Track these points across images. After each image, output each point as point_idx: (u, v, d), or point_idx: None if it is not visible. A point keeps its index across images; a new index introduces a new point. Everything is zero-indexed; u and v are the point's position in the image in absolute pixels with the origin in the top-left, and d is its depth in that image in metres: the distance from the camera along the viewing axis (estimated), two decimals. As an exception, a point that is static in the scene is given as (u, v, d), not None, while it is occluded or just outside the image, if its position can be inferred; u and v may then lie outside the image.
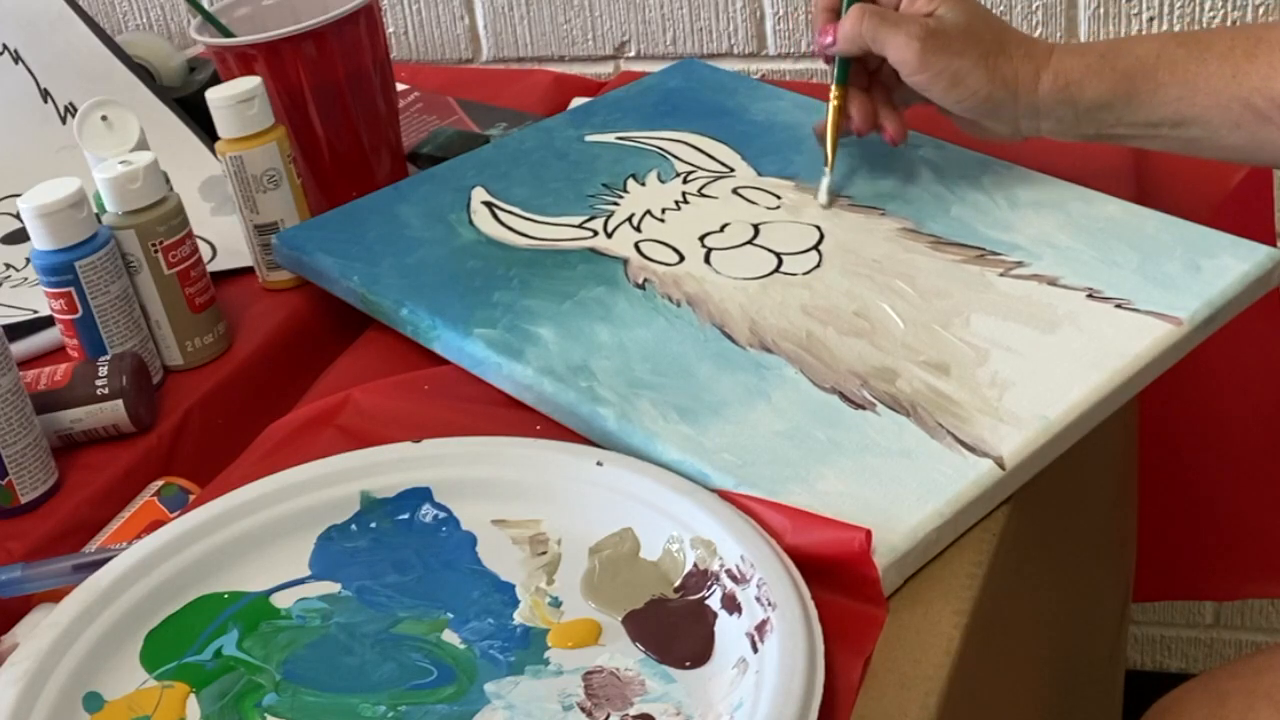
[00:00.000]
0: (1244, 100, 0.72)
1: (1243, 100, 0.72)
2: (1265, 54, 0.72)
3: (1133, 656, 1.42)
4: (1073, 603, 0.85)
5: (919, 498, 0.60)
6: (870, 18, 0.77)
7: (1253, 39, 0.73)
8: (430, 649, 0.59)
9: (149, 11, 1.36)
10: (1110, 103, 0.75)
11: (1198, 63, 0.73)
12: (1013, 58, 0.76)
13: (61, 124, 0.98)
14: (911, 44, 0.75)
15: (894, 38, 0.76)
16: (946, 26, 0.76)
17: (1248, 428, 1.07)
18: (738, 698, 0.53)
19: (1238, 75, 0.72)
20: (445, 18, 1.25)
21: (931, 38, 0.75)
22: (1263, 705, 0.74)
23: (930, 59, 0.76)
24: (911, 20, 0.76)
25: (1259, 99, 0.72)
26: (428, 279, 0.79)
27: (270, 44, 0.88)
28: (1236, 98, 0.73)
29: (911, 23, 0.76)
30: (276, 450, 0.72)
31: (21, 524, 0.71)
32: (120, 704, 0.57)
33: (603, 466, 0.64)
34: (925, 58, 0.75)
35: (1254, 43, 0.73)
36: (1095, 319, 0.70)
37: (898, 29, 0.76)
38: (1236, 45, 0.73)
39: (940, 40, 0.75)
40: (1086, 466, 0.80)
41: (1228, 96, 0.73)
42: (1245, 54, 0.73)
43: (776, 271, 0.77)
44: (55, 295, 0.77)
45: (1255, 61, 0.72)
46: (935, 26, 0.76)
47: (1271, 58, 0.72)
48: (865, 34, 0.77)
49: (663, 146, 0.91)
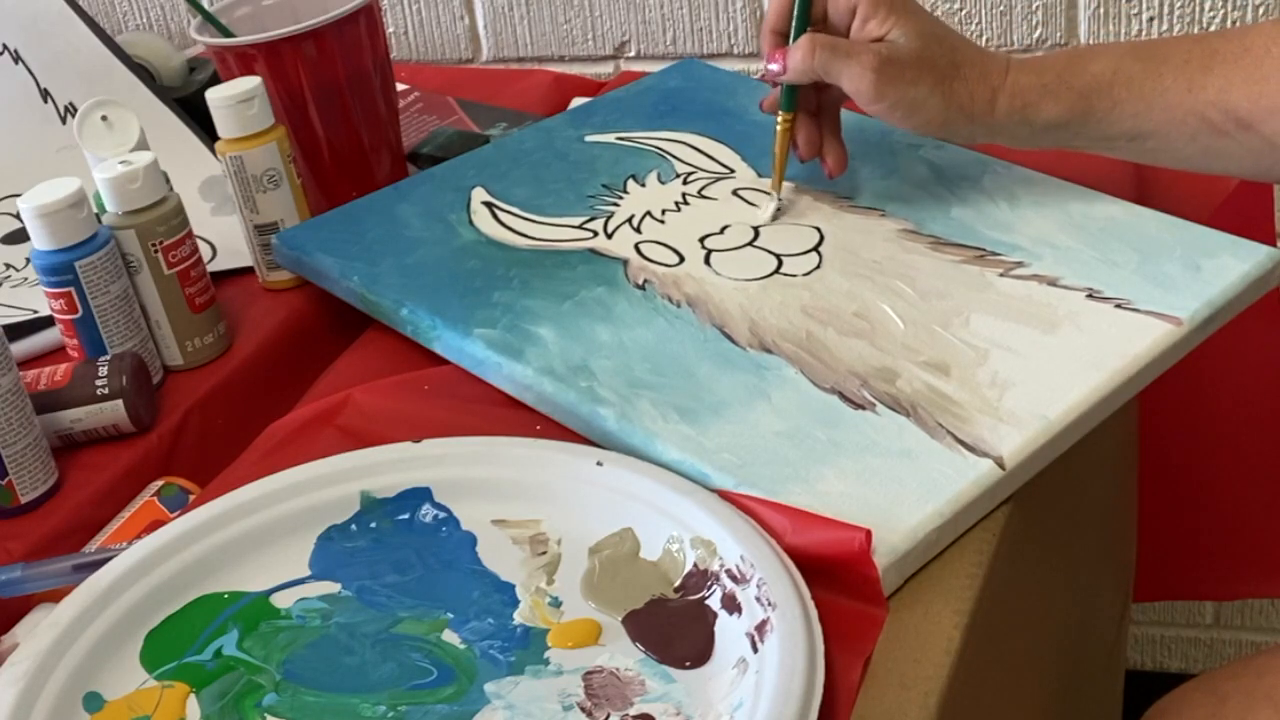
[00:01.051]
0: (1199, 114, 0.72)
1: (1198, 114, 0.72)
2: (1220, 67, 0.72)
3: (1133, 656, 1.42)
4: (1073, 603, 0.85)
5: (919, 498, 0.60)
6: (822, 50, 0.75)
7: (1208, 52, 0.73)
8: (430, 649, 0.59)
9: (149, 11, 1.36)
10: (1067, 122, 0.75)
11: (1153, 78, 0.73)
12: (968, 80, 0.75)
13: (61, 124, 0.98)
14: (866, 75, 0.74)
15: (848, 69, 0.74)
16: (900, 54, 0.74)
17: (1248, 428, 1.07)
18: (738, 698, 0.53)
19: (1193, 89, 0.72)
20: (445, 18, 1.25)
21: (885, 67, 0.74)
22: (1262, 706, 0.74)
23: (885, 89, 0.74)
24: (864, 50, 0.74)
25: (1214, 112, 0.72)
26: (428, 279, 0.79)
27: (270, 44, 0.88)
28: (1192, 111, 0.72)
29: (864, 52, 0.74)
30: (276, 450, 0.72)
31: (21, 524, 0.71)
32: (120, 704, 0.57)
33: (603, 466, 0.64)
34: (880, 88, 0.74)
35: (1209, 55, 0.72)
36: (1095, 319, 0.70)
37: (850, 60, 0.74)
38: (1192, 59, 0.73)
39: (894, 69, 0.74)
40: (1086, 466, 0.80)
41: (1184, 110, 0.73)
42: (1201, 67, 0.72)
43: (776, 273, 0.77)
44: (55, 295, 0.77)
45: (1210, 75, 0.72)
46: (889, 54, 0.74)
47: (1226, 71, 0.72)
48: (818, 67, 0.75)
49: (663, 147, 0.91)
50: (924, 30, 0.75)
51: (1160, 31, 1.08)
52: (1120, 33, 1.08)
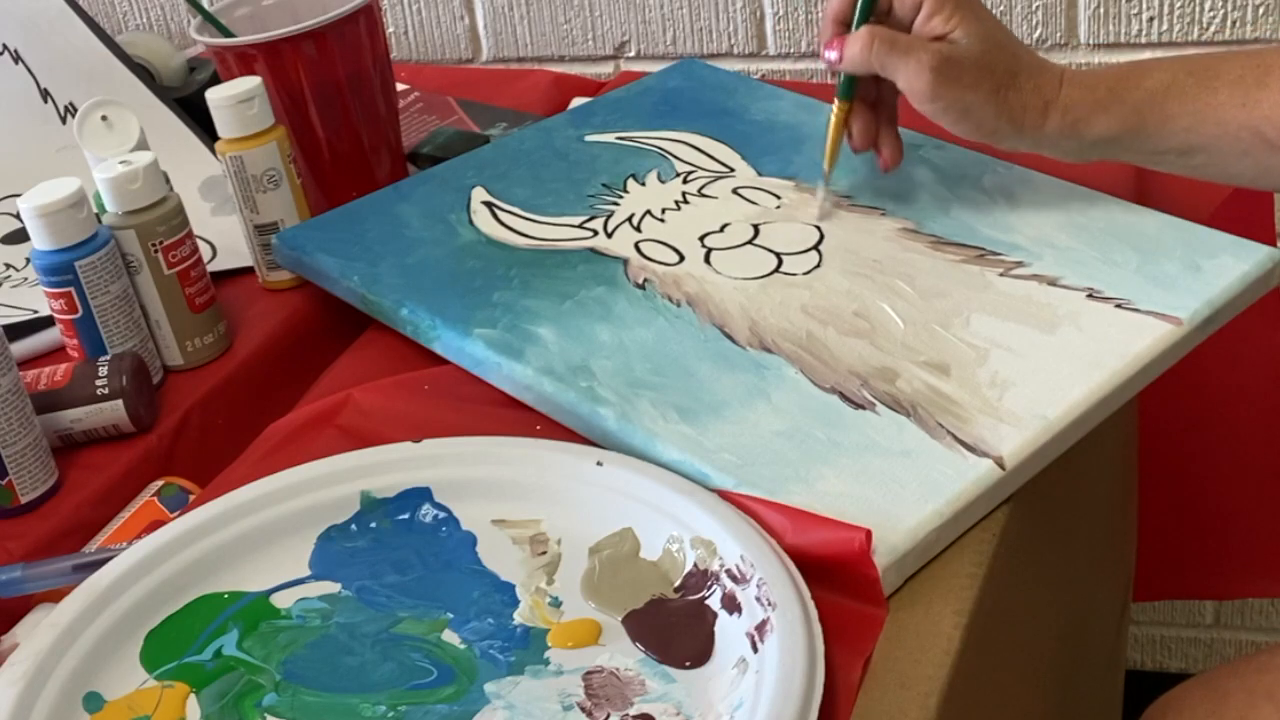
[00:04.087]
0: (1253, 129, 0.71)
1: (1252, 129, 0.71)
2: (1275, 83, 0.71)
3: (1133, 656, 1.42)
4: (1073, 603, 0.85)
5: (919, 498, 0.60)
6: (880, 43, 0.73)
7: (1263, 67, 0.71)
8: (430, 649, 0.59)
9: (149, 11, 1.36)
10: (1118, 137, 0.74)
11: (1208, 92, 0.72)
12: (1023, 90, 0.73)
13: (61, 124, 0.98)
14: (923, 74, 0.72)
15: (905, 66, 0.73)
16: (960, 54, 0.72)
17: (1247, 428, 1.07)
18: (738, 698, 0.53)
19: (1247, 104, 0.71)
20: (445, 18, 1.25)
21: (944, 67, 0.72)
22: (1263, 704, 0.74)
23: (941, 90, 0.73)
24: (923, 47, 0.73)
25: (1269, 128, 0.71)
26: (428, 279, 0.79)
27: (270, 44, 0.88)
28: (1246, 126, 0.71)
29: (923, 50, 0.73)
30: (276, 450, 0.72)
31: (21, 524, 0.71)
32: (120, 704, 0.57)
33: (603, 466, 0.64)
34: (936, 89, 0.72)
35: (1264, 71, 0.71)
36: (1095, 319, 0.70)
37: (908, 57, 0.73)
38: (1247, 73, 0.72)
39: (953, 70, 0.72)
40: (1086, 466, 0.80)
41: (1237, 125, 0.71)
42: (1256, 82, 0.71)
43: (776, 271, 0.77)
44: (55, 295, 0.77)
45: (1265, 90, 0.71)
46: (949, 54, 0.72)
47: None
48: (874, 60, 0.74)
49: (663, 146, 0.91)
50: (987, 34, 0.73)
51: (1160, 31, 1.08)
52: (1120, 33, 1.08)
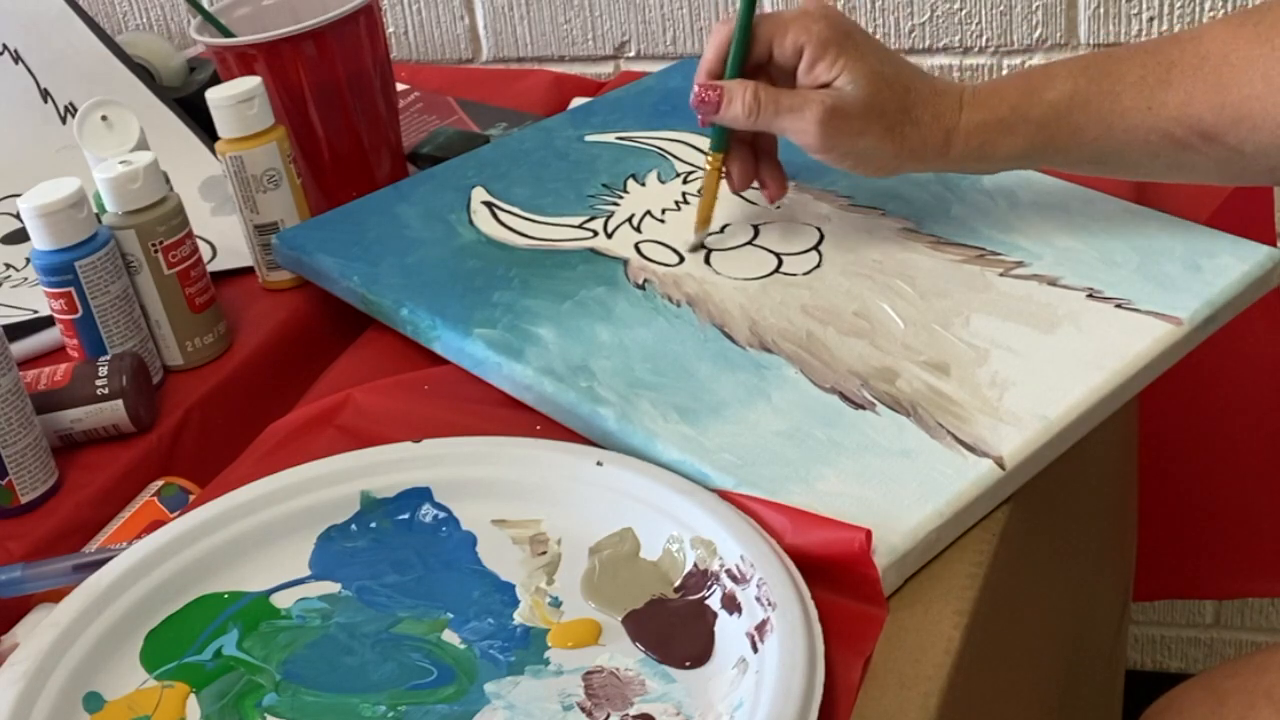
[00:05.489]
0: (1162, 131, 0.70)
1: (1161, 131, 0.70)
2: (1179, 80, 0.70)
3: (1133, 656, 1.42)
4: (1073, 603, 0.85)
5: (919, 498, 0.60)
6: (766, 107, 0.72)
7: (1164, 64, 0.70)
8: (430, 649, 0.59)
9: (149, 11, 1.36)
10: (1027, 153, 0.73)
11: (1110, 99, 0.70)
12: (920, 123, 0.71)
13: (61, 124, 0.98)
14: (810, 128, 0.70)
15: (791, 122, 0.71)
16: (847, 102, 0.70)
17: (1247, 428, 1.07)
18: (738, 698, 0.53)
19: (1153, 107, 0.70)
20: (445, 18, 1.25)
21: (830, 119, 0.70)
22: (1262, 704, 0.74)
23: (834, 141, 0.71)
24: (807, 100, 0.71)
25: (1176, 128, 0.70)
26: (428, 279, 0.79)
27: (270, 44, 0.88)
28: (1154, 129, 0.70)
29: (807, 103, 0.71)
30: (276, 450, 0.72)
31: (21, 524, 0.71)
32: (120, 704, 0.57)
33: (603, 466, 0.64)
34: (827, 140, 0.71)
35: (1166, 68, 0.70)
36: (1095, 319, 0.70)
37: (793, 113, 0.71)
38: (1148, 74, 0.70)
39: (841, 120, 0.70)
40: (1086, 466, 0.80)
41: (1145, 130, 0.70)
42: (1158, 81, 0.70)
43: (776, 272, 0.77)
44: (55, 295, 0.77)
45: (1169, 89, 0.70)
46: (834, 104, 0.70)
47: (1186, 83, 0.69)
48: (760, 122, 0.72)
49: (663, 146, 0.91)
50: (874, 72, 0.71)
51: (1160, 31, 1.08)
52: (1120, 33, 1.08)
